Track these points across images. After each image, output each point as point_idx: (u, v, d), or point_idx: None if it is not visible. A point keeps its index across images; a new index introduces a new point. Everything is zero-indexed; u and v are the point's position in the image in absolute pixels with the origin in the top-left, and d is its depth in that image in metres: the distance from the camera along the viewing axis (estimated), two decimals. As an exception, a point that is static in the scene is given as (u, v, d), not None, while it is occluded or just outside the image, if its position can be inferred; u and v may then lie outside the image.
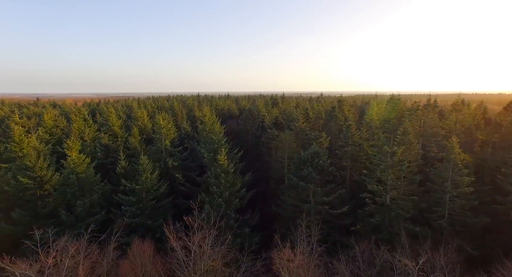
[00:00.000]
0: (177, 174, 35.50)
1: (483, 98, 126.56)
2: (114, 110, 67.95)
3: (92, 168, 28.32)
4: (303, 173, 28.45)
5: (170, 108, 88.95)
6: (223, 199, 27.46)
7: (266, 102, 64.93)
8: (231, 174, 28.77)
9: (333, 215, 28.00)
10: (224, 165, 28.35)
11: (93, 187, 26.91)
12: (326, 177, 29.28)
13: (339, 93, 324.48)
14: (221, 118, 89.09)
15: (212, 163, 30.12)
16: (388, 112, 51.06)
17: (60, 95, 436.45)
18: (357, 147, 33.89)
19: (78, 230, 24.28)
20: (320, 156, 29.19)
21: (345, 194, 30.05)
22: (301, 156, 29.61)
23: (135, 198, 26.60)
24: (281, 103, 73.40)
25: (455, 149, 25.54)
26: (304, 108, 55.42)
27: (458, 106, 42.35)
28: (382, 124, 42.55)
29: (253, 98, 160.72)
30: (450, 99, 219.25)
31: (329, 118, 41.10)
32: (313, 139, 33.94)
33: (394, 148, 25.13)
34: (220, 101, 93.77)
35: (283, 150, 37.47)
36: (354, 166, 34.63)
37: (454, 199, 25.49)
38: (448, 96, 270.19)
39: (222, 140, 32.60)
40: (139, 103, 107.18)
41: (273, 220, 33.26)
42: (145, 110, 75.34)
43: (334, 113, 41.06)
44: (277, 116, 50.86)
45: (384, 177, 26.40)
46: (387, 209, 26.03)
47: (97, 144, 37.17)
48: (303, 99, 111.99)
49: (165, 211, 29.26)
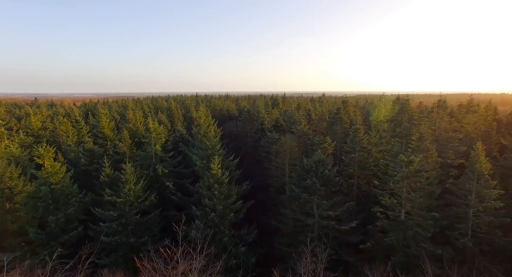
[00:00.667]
0: (168, 182, 32.26)
1: (488, 98, 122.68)
2: (106, 111, 64.81)
3: (70, 177, 25.06)
4: (306, 184, 25.16)
5: (167, 108, 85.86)
6: (216, 213, 24.21)
7: (266, 103, 61.70)
8: (225, 184, 25.50)
9: (340, 231, 24.71)
10: (218, 174, 25.08)
11: (69, 199, 23.67)
12: (331, 188, 25.96)
13: (339, 93, 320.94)
14: (220, 119, 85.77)
15: (205, 171, 26.86)
16: (396, 114, 47.70)
17: (61, 95, 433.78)
18: (366, 153, 30.55)
19: (50, 249, 21.09)
20: (325, 164, 25.88)
21: (353, 207, 26.75)
22: (303, 164, 26.31)
23: (116, 212, 23.35)
24: (282, 104, 70.00)
25: (481, 157, 22.20)
26: (306, 109, 52.08)
27: (473, 107, 38.87)
28: (390, 127, 39.19)
29: (253, 98, 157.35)
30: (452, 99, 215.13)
31: (334, 121, 37.79)
32: (316, 144, 30.62)
33: (411, 157, 21.77)
34: (218, 102, 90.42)
35: (283, 156, 34.20)
36: (362, 174, 31.30)
37: (480, 215, 22.16)
38: (449, 96, 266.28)
39: (216, 146, 29.31)
40: (136, 104, 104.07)
41: (273, 234, 30.00)
42: (141, 111, 72.17)
43: (339, 115, 37.73)
44: (277, 118, 47.56)
45: (398, 190, 23.08)
46: (403, 226, 22.69)
47: (80, 149, 33.91)
48: (304, 100, 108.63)
49: (152, 226, 26.03)
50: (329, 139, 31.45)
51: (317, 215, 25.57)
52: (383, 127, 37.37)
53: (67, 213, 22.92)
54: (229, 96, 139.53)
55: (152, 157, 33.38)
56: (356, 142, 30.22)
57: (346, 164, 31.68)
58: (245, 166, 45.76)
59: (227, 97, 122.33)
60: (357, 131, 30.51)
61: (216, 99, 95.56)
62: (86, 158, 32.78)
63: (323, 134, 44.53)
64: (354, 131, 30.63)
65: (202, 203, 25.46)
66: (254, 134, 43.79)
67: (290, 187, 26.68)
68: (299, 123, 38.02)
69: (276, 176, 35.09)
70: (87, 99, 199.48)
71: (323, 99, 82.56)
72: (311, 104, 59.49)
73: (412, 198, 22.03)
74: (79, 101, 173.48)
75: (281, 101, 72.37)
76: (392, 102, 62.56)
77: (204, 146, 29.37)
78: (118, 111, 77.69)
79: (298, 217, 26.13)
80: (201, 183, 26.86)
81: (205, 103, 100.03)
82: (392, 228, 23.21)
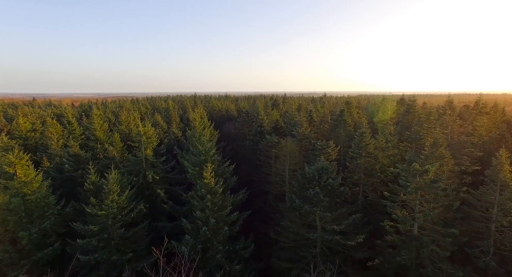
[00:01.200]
0: (159, 189, 29.77)
1: (492, 99, 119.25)
2: (101, 112, 62.43)
3: (48, 186, 22.58)
4: (308, 194, 22.65)
5: (165, 109, 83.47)
6: (209, 227, 21.74)
7: (266, 104, 59.22)
8: (219, 194, 23.01)
9: (346, 246, 22.22)
10: (211, 184, 22.59)
11: (45, 212, 21.19)
12: (336, 198, 23.45)
13: (341, 93, 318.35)
14: (219, 120, 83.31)
15: (198, 179, 24.38)
16: (402, 115, 45.15)
17: (62, 95, 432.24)
18: (372, 159, 28.03)
19: (20, 270, 18.64)
20: (329, 172, 23.36)
21: (360, 219, 24.24)
22: (305, 172, 23.81)
23: (97, 226, 20.87)
24: (282, 105, 67.33)
25: (505, 165, 19.67)
26: (308, 111, 49.53)
27: (485, 109, 36.26)
28: (397, 130, 36.64)
29: (253, 98, 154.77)
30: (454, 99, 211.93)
31: (337, 123, 35.26)
32: (319, 149, 28.10)
33: (426, 166, 19.25)
34: (217, 102, 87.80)
35: (283, 161, 31.71)
36: (368, 181, 28.80)
37: (504, 230, 19.65)
38: (451, 96, 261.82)
39: (210, 151, 26.81)
40: (134, 104, 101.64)
41: (272, 244, 27.54)
42: (136, 111, 69.76)
43: (343, 117, 35.20)
44: (277, 120, 45.03)
45: (411, 202, 20.57)
46: (416, 242, 20.18)
47: (65, 153, 31.47)
48: (305, 100, 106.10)
49: (139, 240, 23.54)
50: (333, 143, 28.90)
51: (319, 228, 23.08)
52: (389, 130, 34.83)
53: (42, 227, 20.47)
54: (228, 96, 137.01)
55: (142, 163, 30.90)
56: (362, 147, 27.72)
57: (351, 170, 29.20)
58: (242, 171, 43.29)
59: (227, 97, 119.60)
60: (363, 135, 28.00)
61: (215, 100, 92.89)
62: (71, 164, 30.31)
63: (325, 137, 42.06)
64: (359, 135, 28.13)
65: (194, 214, 23.02)
66: (253, 136, 41.28)
67: (290, 197, 24.17)
68: (300, 126, 35.52)
69: (275, 183, 32.61)
70: (88, 99, 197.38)
71: (324, 100, 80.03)
72: (312, 105, 56.99)
73: (427, 212, 19.52)
74: (79, 101, 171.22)
75: (281, 101, 69.64)
76: (396, 102, 60.03)
77: (197, 151, 26.89)
78: (114, 112, 75.32)
79: (299, 230, 23.63)
80: (192, 193, 24.39)
81: (203, 104, 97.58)
82: (404, 244, 20.71)
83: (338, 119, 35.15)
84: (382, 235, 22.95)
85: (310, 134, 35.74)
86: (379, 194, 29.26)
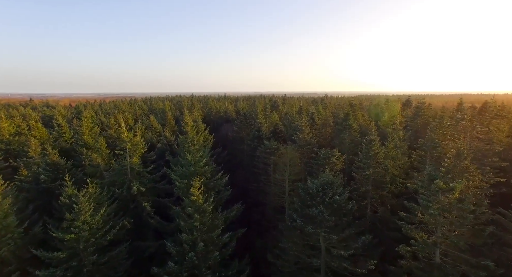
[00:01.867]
0: (145, 202, 26.69)
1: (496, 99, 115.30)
2: (92, 113, 59.37)
3: (9, 204, 19.47)
4: (311, 212, 19.51)
5: (160, 110, 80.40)
6: (197, 252, 18.63)
7: (265, 105, 56.09)
8: (209, 213, 19.88)
9: (354, 274, 19.10)
10: (199, 201, 19.46)
11: (4, 236, 18.08)
12: (343, 217, 20.30)
13: (342, 94, 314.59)
14: (217, 121, 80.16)
15: (185, 194, 21.26)
16: (410, 119, 41.93)
17: (62, 95, 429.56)
18: (382, 170, 24.88)
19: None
20: (335, 187, 20.22)
21: (369, 240, 21.10)
22: (307, 188, 20.68)
23: (65, 253, 17.78)
24: (282, 106, 64.03)
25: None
26: (309, 113, 46.34)
27: (502, 111, 33.01)
28: (407, 135, 33.42)
29: (253, 99, 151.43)
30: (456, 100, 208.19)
31: (342, 128, 32.09)
32: (323, 159, 24.95)
33: (452, 184, 16.07)
34: (215, 103, 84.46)
35: (283, 170, 28.59)
36: (376, 194, 25.65)
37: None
38: (453, 96, 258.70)
39: (201, 161, 23.68)
40: (131, 104, 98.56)
41: (270, 265, 24.44)
42: (130, 114, 66.76)
43: (348, 122, 32.01)
44: (276, 123, 41.86)
45: (432, 225, 17.42)
46: (438, 273, 17.04)
47: (42, 161, 28.37)
48: (306, 101, 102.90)
49: (117, 265, 20.42)
50: (338, 152, 25.72)
51: (324, 251, 19.97)
52: (398, 135, 31.66)
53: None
54: (227, 97, 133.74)
55: (127, 172, 27.80)
56: (371, 156, 24.55)
57: (358, 182, 26.03)
58: (239, 177, 40.19)
59: (225, 98, 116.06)
60: (372, 143, 24.84)
61: (213, 101, 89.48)
62: (48, 174, 27.21)
63: (328, 143, 38.88)
64: (368, 143, 24.96)
65: (179, 236, 19.89)
66: (250, 142, 38.13)
67: (290, 215, 21.03)
68: (302, 131, 32.35)
69: (274, 194, 29.50)
70: (86, 100, 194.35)
71: (326, 101, 76.63)
72: (314, 107, 53.75)
73: (452, 238, 16.37)
74: (80, 102, 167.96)
75: (281, 103, 66.36)
76: (402, 104, 56.85)
77: (185, 161, 23.75)
78: (109, 113, 72.15)
79: (300, 254, 20.51)
80: (179, 209, 21.25)
81: (201, 105, 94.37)
82: (423, 274, 17.56)
83: (342, 123, 31.98)
84: (395, 257, 19.89)
85: (312, 139, 32.59)
86: (389, 208, 26.19)
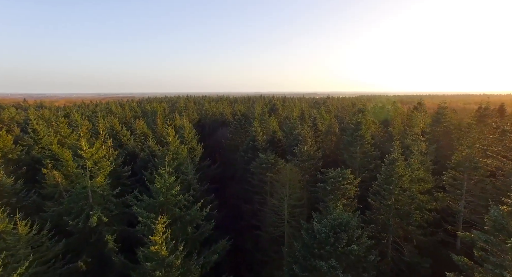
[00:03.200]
0: (109, 234, 20.99)
1: (498, 100, 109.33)
2: (77, 117, 53.53)
3: None
4: (318, 266, 13.85)
5: (151, 113, 74.63)
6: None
7: (263, 109, 50.30)
8: (177, 268, 14.16)
9: None
10: (162, 253, 13.74)
11: None
12: (362, 274, 14.56)
13: (342, 94, 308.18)
14: (212, 125, 74.33)
15: (148, 237, 15.53)
16: (427, 125, 36.09)
17: (63, 95, 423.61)
18: (408, 198, 19.14)
19: None
20: (350, 230, 14.52)
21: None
22: (313, 229, 15.00)
23: None
24: (282, 109, 58.06)
25: None
26: (311, 118, 40.56)
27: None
28: (431, 149, 27.67)
29: (252, 99, 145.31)
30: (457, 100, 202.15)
31: (352, 140, 26.30)
32: (332, 183, 19.22)
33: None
34: (211, 106, 78.44)
35: (281, 192, 22.87)
36: (400, 228, 19.88)
37: None
38: (454, 97, 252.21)
39: (174, 188, 17.90)
40: (123, 106, 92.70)
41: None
42: (115, 118, 60.99)
43: (359, 132, 26.23)
44: (275, 131, 36.06)
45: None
46: None
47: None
48: (306, 102, 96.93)
49: None
50: (350, 173, 19.94)
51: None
52: (419, 146, 25.96)
53: None
54: (224, 99, 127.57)
55: (87, 197, 22.08)
56: (393, 180, 18.81)
57: (375, 211, 20.31)
58: (232, 195, 34.53)
59: (222, 100, 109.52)
60: (395, 163, 19.09)
61: (209, 102, 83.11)
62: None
63: (333, 154, 33.08)
64: (390, 163, 19.21)
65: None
66: (244, 153, 32.41)
67: (290, 270, 15.29)
68: (304, 143, 26.60)
69: (270, 222, 23.75)
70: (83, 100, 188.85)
71: (329, 103, 70.45)
72: (316, 110, 47.90)
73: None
74: (74, 102, 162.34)
75: (280, 105, 60.31)
76: (413, 107, 51.03)
77: (154, 188, 18.00)
78: (92, 117, 66.27)
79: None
80: (141, 254, 15.52)
81: (197, 106, 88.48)
82: None
83: (353, 134, 26.18)
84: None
85: (316, 153, 26.84)
86: (415, 244, 20.49)
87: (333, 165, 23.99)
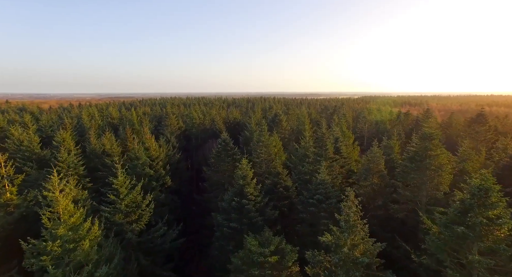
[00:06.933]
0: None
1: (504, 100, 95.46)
2: (35, 126, 38.48)
3: None
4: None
5: (129, 121, 58.86)
6: None
7: (260, 120, 35.01)
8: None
9: None
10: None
11: None
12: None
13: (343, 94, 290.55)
14: (200, 136, 59.02)
15: None
16: None
17: (63, 95, 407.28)
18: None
19: None
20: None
21: None
22: None
23: None
24: (286, 122, 41.81)
25: None
26: (332, 141, 25.57)
27: None
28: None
29: (252, 102, 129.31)
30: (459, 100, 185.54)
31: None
32: None
33: None
34: (198, 113, 62.09)
35: None
36: None
37: None
38: (454, 97, 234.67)
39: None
40: (102, 112, 77.00)
41: None
42: (95, 125, 45.88)
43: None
44: (278, 173, 20.86)
45: None
46: None
47: None
48: (313, 107, 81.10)
49: None
50: None
51: None
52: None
53: None
54: (221, 100, 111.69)
55: None
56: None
57: None
58: None
59: (213, 105, 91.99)
60: None
61: (196, 110, 65.27)
62: None
63: (380, 216, 18.15)
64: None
65: None
66: (226, 215, 17.42)
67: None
68: (347, 220, 11.67)
69: None
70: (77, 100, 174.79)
71: (344, 111, 53.10)
72: (337, 128, 31.83)
73: None
74: (74, 102, 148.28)
75: (283, 115, 43.74)
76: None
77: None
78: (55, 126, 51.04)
79: None
80: None
81: (187, 111, 72.74)
82: None
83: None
84: None
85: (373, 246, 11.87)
86: None
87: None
